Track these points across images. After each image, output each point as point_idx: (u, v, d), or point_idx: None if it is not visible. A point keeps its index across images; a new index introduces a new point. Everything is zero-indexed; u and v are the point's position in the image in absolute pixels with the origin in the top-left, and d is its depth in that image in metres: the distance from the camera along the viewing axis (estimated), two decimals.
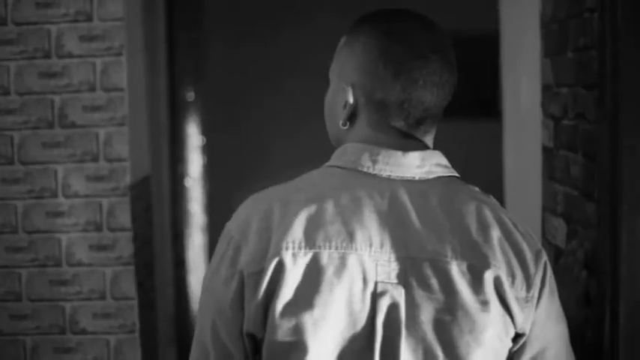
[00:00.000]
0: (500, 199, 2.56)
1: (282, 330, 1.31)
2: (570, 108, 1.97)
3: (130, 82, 2.29)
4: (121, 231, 2.30)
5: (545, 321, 1.39)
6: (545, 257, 1.39)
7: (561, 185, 2.05)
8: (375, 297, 1.31)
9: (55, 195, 2.31)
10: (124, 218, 2.30)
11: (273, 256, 1.31)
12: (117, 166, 2.29)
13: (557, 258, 2.07)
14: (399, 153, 1.37)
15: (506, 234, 1.36)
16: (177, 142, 3.40)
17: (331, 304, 1.31)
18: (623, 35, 1.66)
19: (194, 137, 3.72)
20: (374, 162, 1.38)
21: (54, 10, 2.26)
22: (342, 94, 1.41)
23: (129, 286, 2.32)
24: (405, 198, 1.35)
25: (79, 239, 2.31)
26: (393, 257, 1.33)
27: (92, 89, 2.28)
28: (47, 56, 2.27)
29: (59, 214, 2.31)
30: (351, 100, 1.40)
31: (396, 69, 1.36)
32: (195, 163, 3.86)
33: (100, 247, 2.31)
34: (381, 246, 1.33)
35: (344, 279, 1.31)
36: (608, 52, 1.67)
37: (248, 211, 1.38)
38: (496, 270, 1.33)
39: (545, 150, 2.19)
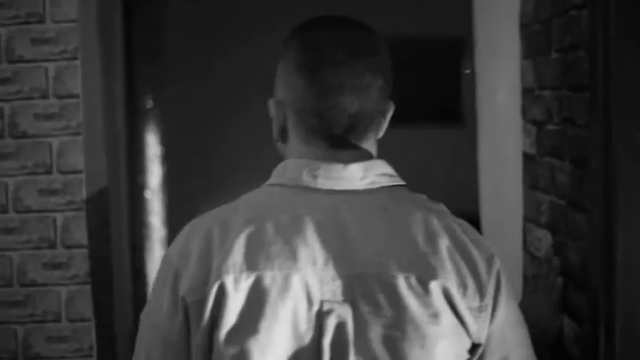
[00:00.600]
0: (477, 209, 2.47)
1: (227, 358, 1.27)
2: (555, 112, 1.86)
3: (84, 89, 2.14)
4: (77, 248, 2.15)
5: (503, 329, 1.35)
6: (497, 264, 1.35)
7: (545, 194, 1.94)
8: (321, 317, 1.28)
9: (5, 210, 2.15)
10: (80, 234, 2.15)
11: (215, 281, 1.28)
12: (72, 179, 2.14)
13: None
14: (340, 166, 1.34)
15: (456, 243, 1.32)
16: (136, 151, 3.24)
17: (276, 327, 1.27)
18: (615, 32, 1.55)
19: (153, 146, 3.57)
20: (314, 177, 1.34)
21: (3, 11, 2.10)
22: (271, 110, 1.42)
23: (85, 307, 2.16)
24: (347, 212, 1.32)
25: (32, 257, 2.15)
26: (338, 274, 1.29)
27: (45, 96, 2.12)
28: None
29: (10, 231, 2.15)
30: (275, 116, 1.40)
31: (308, 78, 1.34)
32: (154, 174, 3.70)
33: (55, 266, 2.15)
34: (325, 263, 1.29)
35: (288, 300, 1.28)
36: (600, 51, 1.56)
37: (188, 237, 1.34)
38: (445, 281, 1.29)
39: (527, 157, 2.08)
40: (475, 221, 2.47)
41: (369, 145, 1.39)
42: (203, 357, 1.28)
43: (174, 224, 4.23)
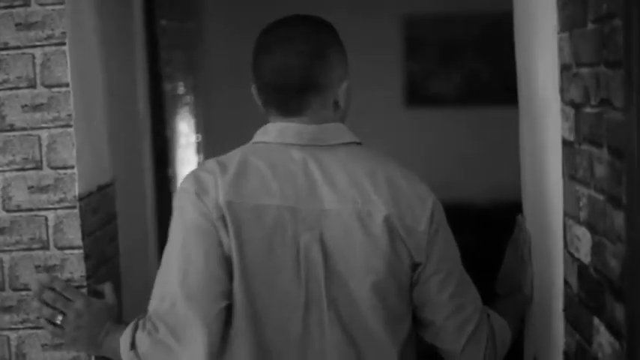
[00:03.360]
0: (518, 198, 2.22)
1: (232, 262, 1.69)
2: (593, 92, 1.60)
3: (74, 77, 1.96)
4: (71, 249, 1.98)
5: (439, 249, 1.78)
6: (430, 203, 1.78)
7: (584, 187, 1.69)
8: (297, 239, 1.70)
9: None
10: (74, 234, 1.98)
11: (220, 205, 1.68)
12: (63, 174, 1.96)
13: (582, 274, 1.71)
14: (305, 127, 1.76)
15: (395, 186, 1.75)
16: (161, 142, 3.06)
17: (258, 245, 1.69)
18: None
19: (184, 136, 3.38)
20: (285, 136, 1.76)
21: None
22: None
23: None
24: (313, 163, 1.74)
25: (23, 259, 1.99)
26: (307, 209, 1.71)
27: (32, 85, 1.95)
28: None
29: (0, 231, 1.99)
30: (253, 91, 1.84)
31: (254, 65, 1.80)
32: (188, 164, 3.53)
33: (48, 269, 1.99)
34: (296, 200, 1.71)
35: (267, 226, 1.69)
36: (635, 18, 1.30)
37: (196, 173, 1.75)
38: (386, 213, 1.72)
39: (566, 144, 1.82)
40: (515, 211, 2.23)
41: (325, 111, 1.79)
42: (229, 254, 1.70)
43: None
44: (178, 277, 1.67)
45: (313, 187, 1.73)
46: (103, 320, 1.87)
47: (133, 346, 1.72)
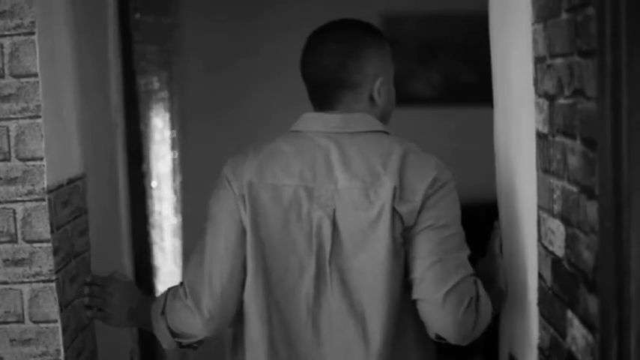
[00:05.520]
0: (493, 192, 2.21)
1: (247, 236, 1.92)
2: (566, 83, 1.59)
3: (44, 67, 1.93)
4: (39, 242, 1.94)
5: (433, 210, 1.91)
6: (431, 177, 1.92)
7: (558, 179, 1.67)
8: (311, 216, 1.90)
9: None
10: (43, 227, 1.94)
11: (244, 187, 1.91)
12: (32, 166, 1.93)
13: (556, 267, 1.70)
14: (331, 116, 1.97)
15: (404, 165, 1.91)
16: (135, 137, 3.02)
17: (274, 221, 1.91)
18: None
19: (158, 131, 3.34)
20: (312, 125, 1.98)
21: None
22: None
23: (50, 307, 1.96)
24: (334, 148, 1.93)
25: None
26: (323, 188, 1.91)
27: (0, 75, 1.92)
28: None
29: None
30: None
31: (300, 65, 2.04)
32: (164, 160, 3.49)
33: (16, 262, 1.95)
34: (314, 180, 1.92)
35: (284, 203, 1.91)
36: (608, 7, 1.29)
37: (234, 159, 1.97)
38: (389, 186, 1.88)
39: (540, 136, 1.81)
40: (494, 211, 2.21)
41: (358, 105, 2.00)
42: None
43: (187, 211, 4.00)
44: (207, 253, 1.92)
45: (330, 169, 1.91)
46: (134, 296, 2.16)
47: (163, 312, 1.97)
